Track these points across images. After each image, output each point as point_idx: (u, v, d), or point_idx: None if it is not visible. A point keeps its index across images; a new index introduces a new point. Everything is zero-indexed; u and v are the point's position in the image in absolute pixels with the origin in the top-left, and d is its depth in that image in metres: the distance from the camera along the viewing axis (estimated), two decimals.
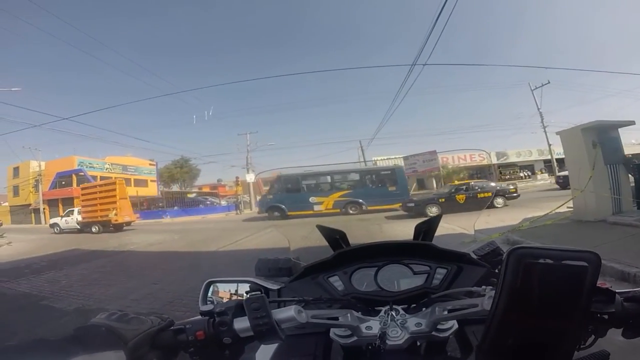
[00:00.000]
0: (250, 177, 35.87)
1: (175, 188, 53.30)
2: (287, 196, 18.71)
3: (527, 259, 0.53)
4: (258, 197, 42.06)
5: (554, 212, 9.85)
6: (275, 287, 1.12)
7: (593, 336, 0.67)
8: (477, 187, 17.61)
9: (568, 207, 10.28)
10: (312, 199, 18.52)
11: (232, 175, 37.91)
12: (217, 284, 1.16)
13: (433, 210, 13.17)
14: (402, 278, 1.08)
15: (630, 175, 8.97)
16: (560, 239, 6.69)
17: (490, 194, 16.74)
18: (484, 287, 0.76)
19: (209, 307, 0.68)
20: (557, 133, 10.13)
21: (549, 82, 33.23)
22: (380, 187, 19.11)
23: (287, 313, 0.68)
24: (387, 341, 0.73)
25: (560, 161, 36.64)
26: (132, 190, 33.01)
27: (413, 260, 1.11)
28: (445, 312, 0.75)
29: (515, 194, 18.38)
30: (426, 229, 1.23)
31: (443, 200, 15.30)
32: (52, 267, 8.51)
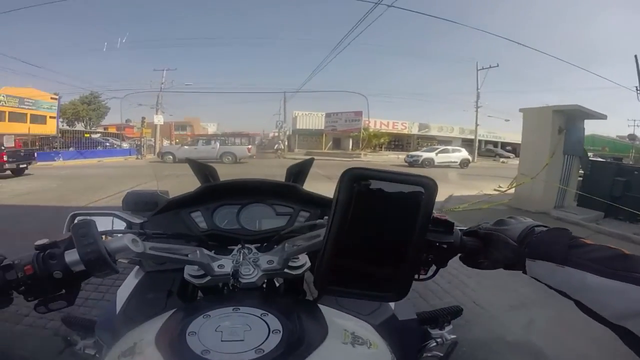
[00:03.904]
0: (158, 119, 33.59)
1: (80, 127, 49.20)
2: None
3: (361, 181, 0.51)
4: (166, 142, 40.84)
5: (484, 194, 10.07)
6: (139, 221, 1.08)
7: (434, 266, 0.68)
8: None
9: (496, 190, 10.63)
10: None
11: (141, 115, 35.35)
12: (81, 217, 1.04)
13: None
14: (265, 218, 1.10)
15: (580, 170, 8.86)
16: None
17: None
18: (326, 217, 0.71)
19: (44, 240, 0.62)
20: (521, 110, 9.29)
21: (497, 65, 34.48)
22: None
23: (119, 242, 0.63)
24: (240, 279, 0.73)
25: (469, 141, 40.65)
26: (21, 127, 29.70)
27: (278, 201, 1.12)
28: (294, 247, 0.75)
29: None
30: (297, 172, 1.23)
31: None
32: None
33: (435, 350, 1.00)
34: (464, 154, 26.54)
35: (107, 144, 32.32)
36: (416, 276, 0.65)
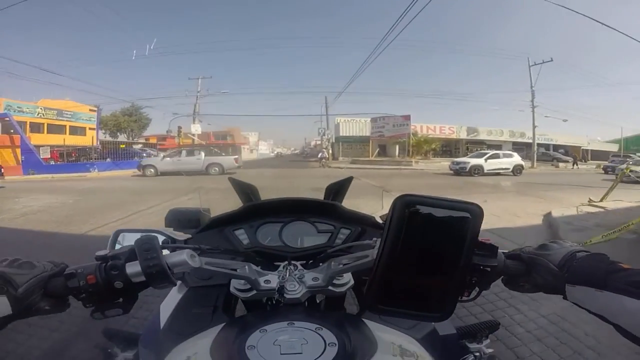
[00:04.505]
0: (195, 128, 32.70)
1: (123, 138, 49.83)
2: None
3: (413, 207, 0.54)
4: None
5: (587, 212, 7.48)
6: (182, 238, 1.10)
7: (477, 288, 0.69)
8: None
9: (591, 204, 8.25)
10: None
11: (183, 125, 34.52)
12: (126, 234, 1.12)
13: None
14: (306, 235, 1.12)
15: None
16: None
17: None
18: (374, 239, 0.77)
19: (104, 251, 0.65)
20: None
21: (551, 60, 30.83)
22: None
23: (179, 257, 0.65)
24: (285, 295, 0.75)
25: (528, 145, 37.21)
26: (60, 139, 29.83)
27: (319, 219, 1.14)
28: (340, 266, 0.76)
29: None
30: (336, 190, 1.26)
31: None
32: None
33: None
34: (516, 159, 22.73)
35: (145, 154, 31.61)
36: (460, 297, 0.66)
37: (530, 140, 41.04)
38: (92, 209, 8.90)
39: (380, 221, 1.15)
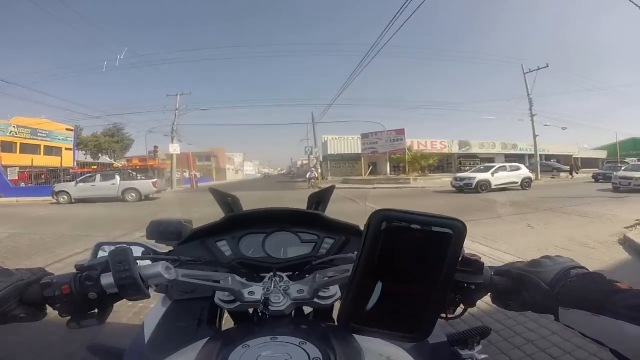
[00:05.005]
0: (174, 148, 30.54)
1: (105, 159, 48.34)
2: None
3: (390, 223, 0.52)
4: (185, 174, 38.21)
5: None
6: (164, 250, 1.12)
7: (462, 306, 0.68)
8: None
9: None
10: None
11: (166, 145, 32.45)
12: (106, 247, 1.13)
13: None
14: (290, 246, 1.11)
15: None
16: None
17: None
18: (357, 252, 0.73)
19: (84, 262, 0.67)
20: None
21: (547, 66, 29.89)
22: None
23: (153, 269, 0.65)
24: (269, 307, 0.74)
25: (520, 157, 37.05)
26: (35, 159, 28.31)
27: (302, 229, 1.14)
28: (326, 279, 0.76)
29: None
30: (319, 200, 1.25)
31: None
32: None
33: None
34: (524, 171, 20.67)
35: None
36: (443, 315, 0.66)
37: (523, 152, 41.12)
38: (26, 248, 7.01)
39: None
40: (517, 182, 19.92)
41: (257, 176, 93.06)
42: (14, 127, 29.95)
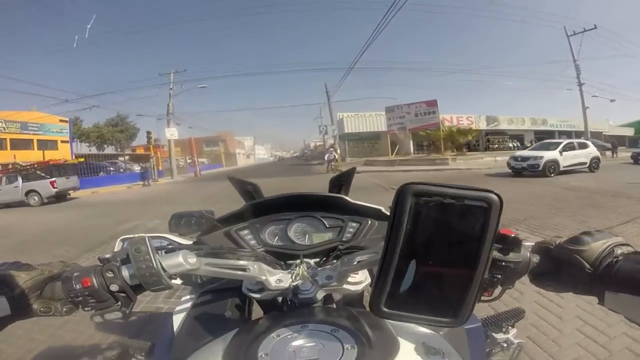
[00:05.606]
0: (171, 132, 27.50)
1: (110, 150, 46.33)
2: None
3: (418, 197, 0.48)
4: (188, 161, 35.22)
5: None
6: (187, 242, 1.11)
7: (500, 287, 0.66)
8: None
9: None
10: None
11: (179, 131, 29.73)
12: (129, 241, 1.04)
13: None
14: (314, 232, 1.09)
15: None
16: None
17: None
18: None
19: (106, 255, 0.66)
20: None
21: (595, 27, 26.06)
22: None
23: (174, 258, 0.64)
24: (298, 295, 0.73)
25: (550, 133, 33.60)
26: (29, 155, 26.25)
27: (326, 214, 1.12)
28: (355, 263, 0.73)
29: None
30: (341, 183, 1.24)
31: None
32: None
33: (500, 354, 0.99)
34: (592, 149, 17.07)
35: (112, 168, 27.28)
36: (480, 297, 0.63)
37: (553, 128, 37.08)
38: None
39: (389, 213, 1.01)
40: (585, 163, 16.46)
41: (270, 159, 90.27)
42: (1, 121, 27.85)
